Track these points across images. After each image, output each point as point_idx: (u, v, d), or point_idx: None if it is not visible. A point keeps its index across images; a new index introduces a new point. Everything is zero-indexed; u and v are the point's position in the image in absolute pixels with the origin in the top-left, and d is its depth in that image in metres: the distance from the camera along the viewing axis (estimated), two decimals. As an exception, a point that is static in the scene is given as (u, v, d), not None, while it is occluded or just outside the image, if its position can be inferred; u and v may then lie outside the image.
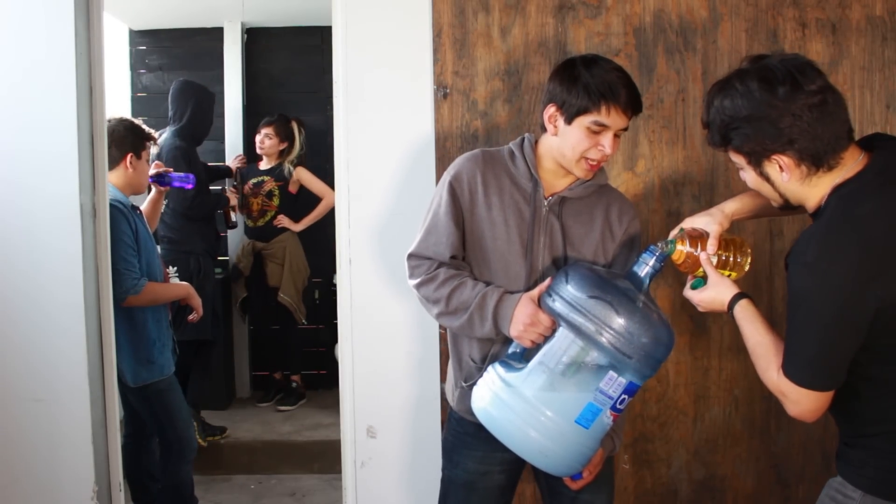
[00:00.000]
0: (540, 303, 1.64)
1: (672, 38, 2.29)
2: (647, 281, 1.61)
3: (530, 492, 2.37)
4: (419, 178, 2.31)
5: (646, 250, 1.63)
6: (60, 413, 2.34)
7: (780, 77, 1.33)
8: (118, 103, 4.27)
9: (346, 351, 2.37)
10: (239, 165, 4.24)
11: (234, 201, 4.00)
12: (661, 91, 2.30)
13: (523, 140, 1.79)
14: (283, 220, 4.08)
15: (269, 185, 4.09)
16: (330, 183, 3.62)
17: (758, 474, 2.38)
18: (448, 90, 2.30)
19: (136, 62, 4.50)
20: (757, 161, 1.40)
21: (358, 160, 2.33)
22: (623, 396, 1.56)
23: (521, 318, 1.63)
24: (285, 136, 4.10)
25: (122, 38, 4.43)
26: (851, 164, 1.36)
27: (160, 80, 4.49)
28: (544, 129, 1.73)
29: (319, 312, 4.39)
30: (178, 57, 4.49)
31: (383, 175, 2.33)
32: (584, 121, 1.64)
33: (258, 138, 4.12)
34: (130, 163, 2.62)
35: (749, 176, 1.46)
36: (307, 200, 4.15)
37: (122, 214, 2.51)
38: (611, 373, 1.54)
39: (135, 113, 4.32)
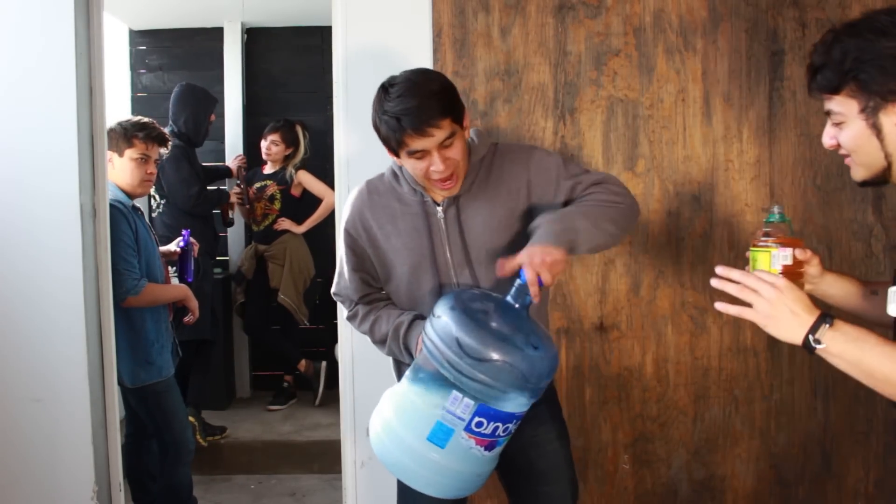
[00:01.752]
0: None
1: (672, 38, 2.29)
2: (527, 303, 1.52)
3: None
4: (419, 178, 2.31)
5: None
6: (60, 413, 2.34)
7: None
8: (118, 103, 4.27)
9: (346, 351, 2.37)
10: (239, 165, 4.24)
11: (233, 199, 4.04)
12: (661, 91, 2.30)
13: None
14: (285, 223, 4.10)
15: (272, 189, 4.11)
16: (331, 184, 3.62)
17: (758, 474, 2.38)
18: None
19: (136, 62, 4.50)
20: (875, 107, 1.22)
21: (358, 160, 2.33)
22: (478, 419, 1.49)
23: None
24: (291, 141, 4.12)
25: (122, 38, 4.43)
26: None
27: (160, 80, 4.49)
28: None
29: (319, 312, 4.39)
30: (178, 57, 4.49)
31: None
32: (404, 153, 1.62)
33: (264, 144, 4.12)
34: (112, 161, 2.58)
35: (851, 130, 1.27)
36: (311, 203, 4.16)
37: (122, 215, 2.51)
38: (454, 392, 1.48)
39: (135, 113, 4.31)
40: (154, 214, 3.77)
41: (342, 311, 2.05)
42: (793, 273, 1.34)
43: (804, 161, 2.30)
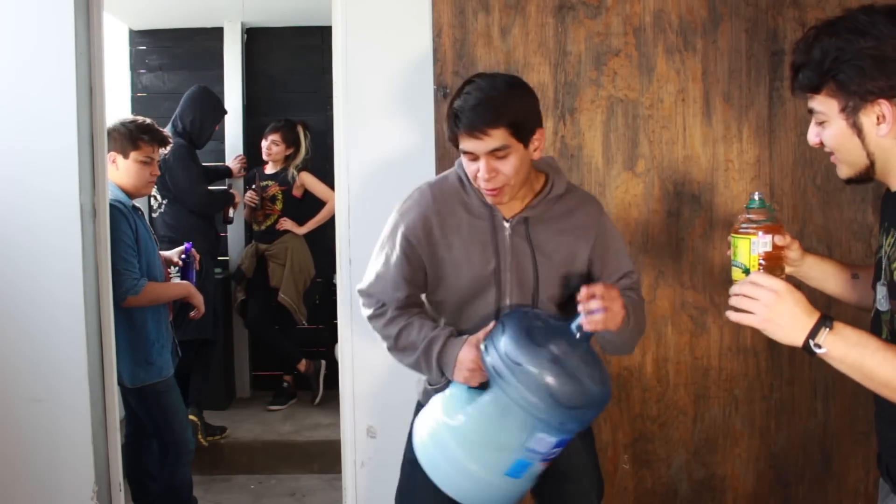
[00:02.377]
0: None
1: (672, 38, 2.29)
2: (588, 334, 1.52)
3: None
4: (419, 178, 2.30)
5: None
6: (60, 413, 2.35)
7: None
8: (118, 103, 4.27)
9: (346, 351, 2.37)
10: (239, 166, 4.25)
11: (246, 201, 4.08)
12: (661, 91, 2.30)
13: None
14: (286, 223, 4.10)
15: (273, 189, 4.11)
16: (330, 184, 3.62)
17: (758, 474, 2.38)
18: (448, 90, 2.30)
19: (136, 62, 4.49)
20: (855, 107, 1.22)
21: (358, 160, 2.33)
22: (555, 450, 1.53)
23: (465, 364, 1.59)
24: (291, 141, 4.12)
25: (122, 38, 4.43)
26: None
27: (160, 80, 4.49)
28: None
29: (319, 312, 4.39)
30: (178, 57, 4.49)
31: (383, 175, 2.33)
32: (461, 150, 1.61)
33: (265, 145, 4.13)
34: (116, 162, 2.59)
35: (832, 129, 1.26)
36: (312, 204, 4.16)
37: (122, 214, 2.51)
38: (539, 434, 1.48)
39: (134, 113, 4.31)
40: (155, 215, 3.77)
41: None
42: (773, 258, 1.35)
43: (804, 161, 2.30)
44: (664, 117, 2.31)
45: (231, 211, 4.06)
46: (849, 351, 1.17)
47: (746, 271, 1.35)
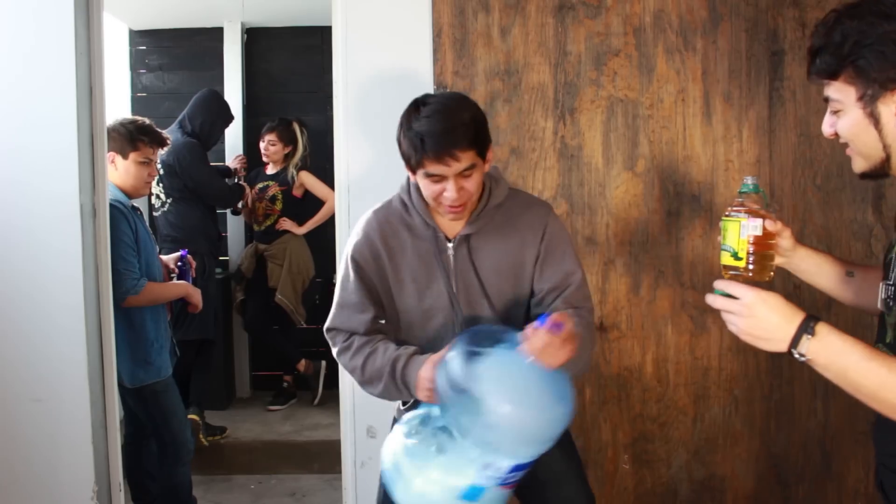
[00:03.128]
0: None
1: (672, 38, 2.29)
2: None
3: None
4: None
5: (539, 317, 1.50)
6: (60, 413, 2.34)
7: None
8: (118, 103, 4.27)
9: (346, 351, 2.37)
10: (239, 165, 4.25)
11: (248, 191, 4.11)
12: (661, 91, 2.30)
13: (409, 184, 1.72)
14: (286, 223, 4.10)
15: (273, 189, 4.11)
16: (330, 184, 3.63)
17: (758, 474, 2.38)
18: (448, 90, 2.30)
19: (136, 62, 4.49)
20: (874, 95, 1.15)
21: (358, 160, 2.33)
22: (511, 475, 1.47)
23: (424, 383, 1.57)
24: (288, 139, 4.12)
25: (122, 38, 4.43)
26: None
27: (160, 80, 4.49)
28: None
29: (320, 312, 4.39)
30: (178, 57, 4.49)
31: (383, 175, 2.32)
32: (421, 173, 1.60)
33: (262, 146, 4.13)
34: (115, 162, 2.59)
35: (848, 119, 1.20)
36: (312, 203, 4.16)
37: (121, 214, 2.51)
38: (491, 459, 1.44)
39: (135, 113, 4.32)
40: (157, 214, 3.76)
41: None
42: (763, 244, 1.29)
43: (804, 161, 2.30)
44: (664, 117, 2.31)
45: (240, 169, 4.14)
46: (832, 360, 1.12)
47: (735, 255, 1.29)
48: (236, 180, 4.14)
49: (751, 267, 1.29)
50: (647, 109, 2.31)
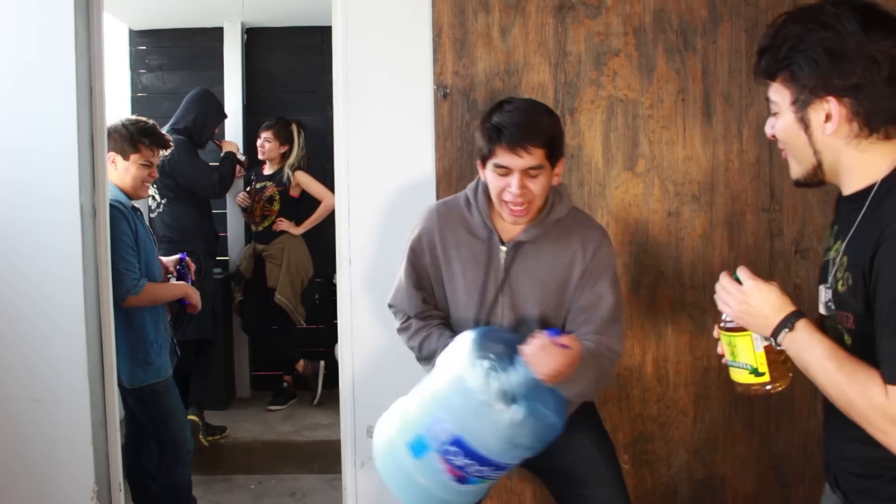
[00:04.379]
0: None
1: (672, 38, 2.29)
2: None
3: (529, 492, 2.37)
4: (419, 178, 2.31)
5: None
6: (60, 413, 2.34)
7: (878, 18, 1.16)
8: (118, 103, 4.27)
9: (346, 351, 2.37)
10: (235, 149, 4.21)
11: (233, 148, 4.07)
12: (661, 91, 2.30)
13: (478, 185, 1.80)
14: (283, 224, 4.10)
15: (270, 190, 4.11)
16: (330, 184, 3.63)
17: (758, 474, 2.38)
18: (448, 90, 2.30)
19: (136, 62, 4.49)
20: (805, 101, 1.18)
21: (358, 160, 2.33)
22: (452, 448, 1.55)
23: None
24: (285, 139, 4.12)
25: (122, 38, 4.43)
26: None
27: (160, 80, 4.49)
28: None
29: (319, 312, 4.39)
30: (178, 57, 4.49)
31: (383, 175, 2.33)
32: (490, 164, 1.68)
33: (258, 143, 4.13)
34: (115, 162, 2.59)
35: (783, 121, 1.23)
36: (309, 204, 4.16)
37: (121, 215, 2.51)
38: (441, 412, 1.56)
39: (134, 113, 4.32)
40: (153, 215, 3.76)
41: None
42: (775, 351, 1.24)
43: (804, 161, 2.30)
44: (664, 117, 2.30)
45: (240, 169, 4.08)
46: (799, 353, 1.18)
47: (756, 372, 1.25)
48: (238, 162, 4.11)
49: (775, 375, 1.25)
50: (647, 109, 2.30)
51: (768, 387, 1.26)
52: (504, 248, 1.74)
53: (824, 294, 1.26)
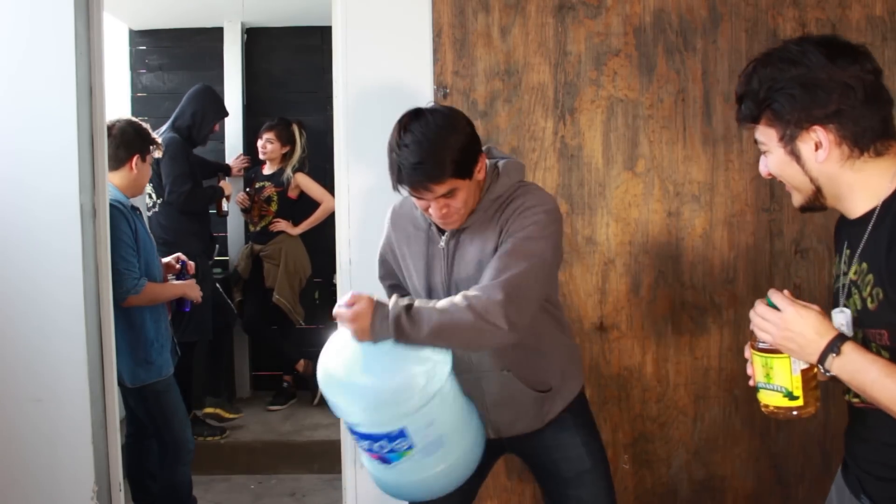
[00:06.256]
0: None
1: (672, 38, 2.29)
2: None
3: (530, 492, 2.37)
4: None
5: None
6: (60, 413, 2.34)
7: (840, 47, 1.24)
8: (118, 103, 4.27)
9: (346, 351, 2.37)
10: (239, 165, 4.24)
11: (228, 191, 4.01)
12: (661, 91, 2.30)
13: None
14: (280, 224, 4.10)
15: (269, 190, 4.11)
16: (330, 185, 3.63)
17: (758, 474, 2.38)
18: (448, 90, 2.30)
19: (136, 62, 4.49)
20: (792, 135, 1.25)
21: (358, 160, 2.33)
22: (353, 436, 1.62)
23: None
24: (287, 139, 4.12)
25: (122, 38, 4.43)
26: None
27: (160, 80, 4.49)
28: None
29: (319, 312, 4.39)
30: (178, 57, 4.49)
31: (383, 175, 2.31)
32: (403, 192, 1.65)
33: (260, 143, 4.13)
34: (136, 164, 2.62)
35: (774, 157, 1.29)
36: (307, 204, 4.16)
37: (121, 215, 2.51)
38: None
39: (135, 113, 4.31)
40: (149, 214, 3.76)
41: None
42: (812, 372, 1.24)
43: (804, 161, 2.30)
44: (664, 117, 2.30)
45: (225, 204, 4.02)
46: (853, 376, 1.18)
47: (790, 395, 1.24)
48: (225, 179, 4.10)
49: (808, 400, 1.24)
50: (647, 109, 2.31)
51: (799, 411, 1.25)
52: (443, 238, 1.71)
53: (840, 318, 1.28)
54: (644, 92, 2.30)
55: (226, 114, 4.02)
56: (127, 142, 2.60)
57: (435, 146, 1.56)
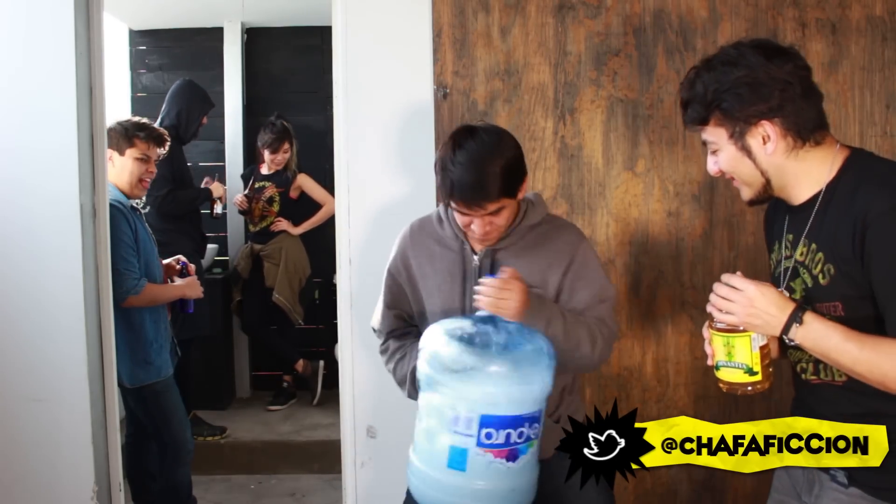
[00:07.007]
0: None
1: (672, 38, 2.29)
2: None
3: (530, 492, 2.37)
4: (419, 177, 2.31)
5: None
6: (60, 413, 2.34)
7: (773, 48, 1.36)
8: (118, 103, 4.27)
9: (346, 351, 2.37)
10: (222, 194, 4.01)
11: (218, 192, 3.88)
12: (661, 91, 2.30)
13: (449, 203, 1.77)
14: (282, 224, 4.09)
15: (270, 190, 4.10)
16: (330, 184, 3.62)
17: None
18: (448, 90, 2.30)
19: (136, 62, 4.49)
20: (741, 131, 1.35)
21: (358, 160, 2.33)
22: (485, 430, 1.50)
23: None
24: (291, 141, 4.12)
25: (122, 38, 4.43)
26: (834, 150, 1.35)
27: (160, 80, 4.49)
28: None
29: (319, 312, 4.39)
30: (178, 57, 4.49)
31: (383, 175, 2.33)
32: (452, 206, 1.67)
33: (277, 159, 4.05)
34: (113, 159, 2.59)
35: (725, 155, 1.39)
36: (308, 204, 4.15)
37: (121, 215, 2.51)
38: (453, 412, 1.51)
39: (135, 113, 4.31)
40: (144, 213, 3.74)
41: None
42: (768, 349, 1.36)
43: (804, 161, 2.30)
44: (664, 117, 2.31)
45: (218, 205, 3.94)
46: (816, 343, 1.29)
47: (750, 371, 1.35)
48: (216, 181, 3.98)
49: (766, 374, 1.36)
50: (647, 109, 2.31)
51: (754, 386, 1.37)
52: (476, 257, 1.73)
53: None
54: (644, 92, 2.30)
55: (211, 105, 3.93)
56: (108, 137, 2.56)
57: (489, 165, 1.60)
